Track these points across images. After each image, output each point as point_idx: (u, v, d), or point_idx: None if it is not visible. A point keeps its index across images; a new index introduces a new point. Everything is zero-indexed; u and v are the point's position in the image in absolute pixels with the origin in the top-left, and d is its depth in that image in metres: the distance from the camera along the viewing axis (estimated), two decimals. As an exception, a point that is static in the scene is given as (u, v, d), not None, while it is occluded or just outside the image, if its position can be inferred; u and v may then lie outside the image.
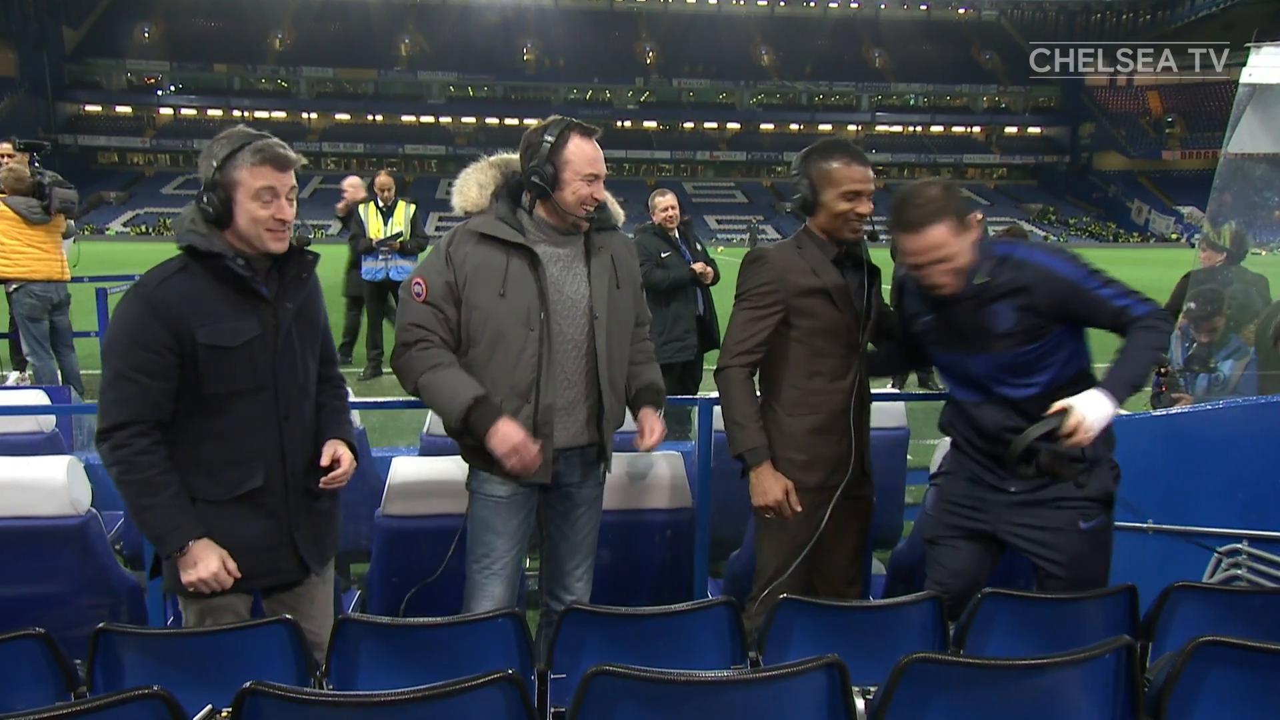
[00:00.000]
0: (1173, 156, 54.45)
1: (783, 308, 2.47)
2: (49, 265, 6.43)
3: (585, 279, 2.43)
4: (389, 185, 7.95)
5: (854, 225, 2.43)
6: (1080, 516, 2.29)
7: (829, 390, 2.49)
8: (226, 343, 1.99)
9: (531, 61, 60.37)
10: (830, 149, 2.44)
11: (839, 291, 2.46)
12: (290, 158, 2.04)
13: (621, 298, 2.49)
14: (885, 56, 61.91)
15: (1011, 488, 2.35)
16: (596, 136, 2.38)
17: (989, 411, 2.34)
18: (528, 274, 2.35)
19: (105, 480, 3.70)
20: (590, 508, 2.57)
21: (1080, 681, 1.58)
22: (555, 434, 2.40)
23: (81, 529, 2.62)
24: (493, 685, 1.42)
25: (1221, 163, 4.12)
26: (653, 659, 1.76)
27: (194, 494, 2.03)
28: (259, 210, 2.00)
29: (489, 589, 2.45)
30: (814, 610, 1.95)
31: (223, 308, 2.01)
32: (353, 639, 1.85)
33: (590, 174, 2.34)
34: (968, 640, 1.95)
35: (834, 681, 1.50)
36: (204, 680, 1.77)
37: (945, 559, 2.49)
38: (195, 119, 56.92)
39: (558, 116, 2.40)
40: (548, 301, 2.35)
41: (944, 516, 2.50)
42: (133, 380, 1.94)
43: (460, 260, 2.37)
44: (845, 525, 2.57)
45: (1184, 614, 1.99)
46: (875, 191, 2.47)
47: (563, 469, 2.47)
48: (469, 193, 2.46)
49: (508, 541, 2.47)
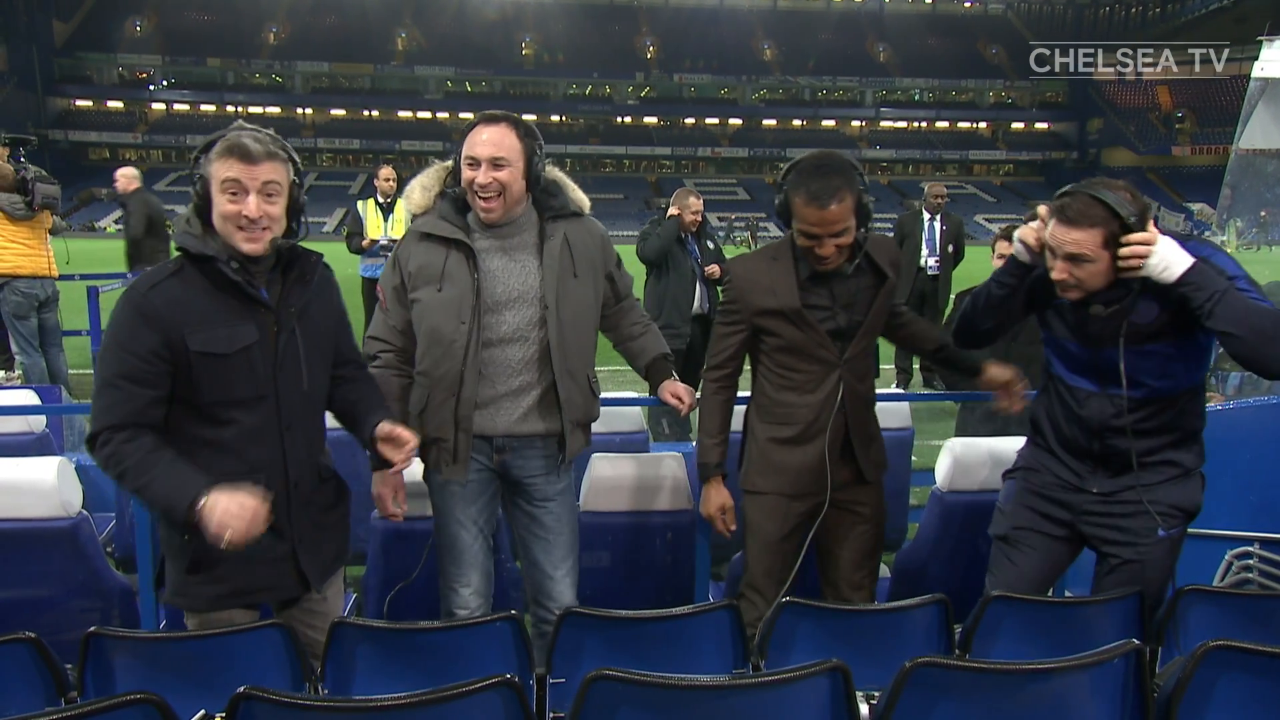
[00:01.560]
0: (1183, 152, 54.37)
1: (745, 325, 2.52)
2: (34, 261, 6.43)
3: (535, 269, 2.45)
4: (392, 178, 7.79)
5: (818, 258, 2.39)
6: (1162, 523, 2.26)
7: (799, 403, 2.49)
8: (220, 350, 1.94)
9: (530, 56, 60.37)
10: (804, 175, 2.35)
11: (795, 314, 2.44)
12: (253, 150, 1.94)
13: (579, 286, 2.50)
14: (890, 51, 61.88)
15: (1094, 488, 2.33)
16: (508, 122, 2.40)
17: (1096, 404, 2.28)
18: (464, 267, 2.42)
19: (97, 481, 3.72)
20: (559, 502, 2.56)
21: (1088, 686, 1.58)
22: (492, 421, 2.45)
23: (72, 531, 2.62)
24: (491, 690, 1.43)
25: (1232, 158, 4.12)
26: (653, 663, 1.76)
27: None
28: (226, 204, 1.94)
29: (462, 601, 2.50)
30: (817, 613, 1.95)
31: (217, 313, 1.95)
32: (348, 643, 1.85)
33: (469, 157, 2.39)
34: (974, 644, 1.95)
35: (837, 686, 1.50)
36: (197, 685, 1.77)
37: (1019, 560, 2.42)
38: (188, 114, 56.93)
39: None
40: (481, 293, 2.40)
41: (1023, 512, 2.44)
42: (119, 388, 1.91)
43: (405, 260, 2.48)
44: (844, 534, 2.58)
45: (1194, 618, 1.99)
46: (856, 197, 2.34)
47: (511, 459, 2.50)
48: (414, 196, 2.57)
49: (472, 532, 2.52)
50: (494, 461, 2.50)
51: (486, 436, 2.48)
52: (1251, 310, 2.01)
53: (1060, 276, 2.17)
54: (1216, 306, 2.01)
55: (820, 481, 2.49)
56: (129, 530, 3.26)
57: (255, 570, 2.06)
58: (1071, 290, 2.18)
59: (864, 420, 2.55)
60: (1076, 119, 59.87)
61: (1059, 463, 2.40)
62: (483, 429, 2.46)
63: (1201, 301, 2.03)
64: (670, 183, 58.16)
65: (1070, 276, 2.16)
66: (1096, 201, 2.10)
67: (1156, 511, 2.25)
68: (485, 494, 2.54)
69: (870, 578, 2.65)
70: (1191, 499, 2.28)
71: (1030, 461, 2.49)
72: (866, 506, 2.59)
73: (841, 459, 2.53)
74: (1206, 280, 2.04)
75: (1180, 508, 2.27)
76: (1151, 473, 2.27)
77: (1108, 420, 2.27)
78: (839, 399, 2.48)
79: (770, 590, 2.55)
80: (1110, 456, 2.30)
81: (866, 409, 2.57)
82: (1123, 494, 2.29)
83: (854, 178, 2.33)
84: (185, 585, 2.05)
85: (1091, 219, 2.10)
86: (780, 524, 2.55)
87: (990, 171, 60.88)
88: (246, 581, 2.07)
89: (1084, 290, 2.18)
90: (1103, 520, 2.33)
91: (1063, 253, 2.15)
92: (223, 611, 2.07)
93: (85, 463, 3.71)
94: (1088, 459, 2.34)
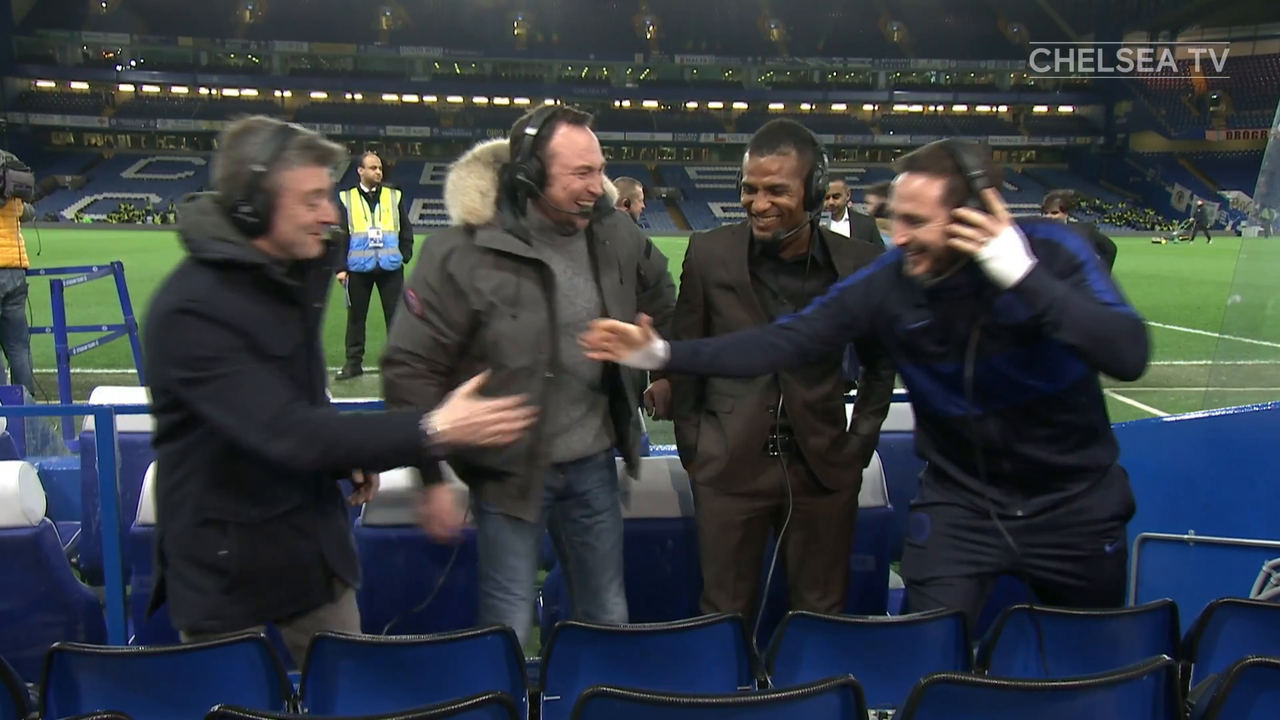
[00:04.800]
0: (1217, 137, 54.44)
1: (700, 302, 2.55)
2: (5, 252, 6.43)
3: (593, 282, 2.43)
4: (378, 165, 7.75)
5: (758, 222, 2.41)
6: (1106, 540, 2.25)
7: (740, 394, 2.52)
8: (279, 353, 1.96)
9: (523, 36, 60.40)
10: (756, 134, 2.44)
11: (743, 290, 2.47)
12: (336, 151, 1.99)
13: (625, 291, 2.51)
14: (904, 30, 61.93)
15: (1018, 511, 2.26)
16: (589, 123, 2.33)
17: (992, 425, 2.22)
18: (538, 293, 2.33)
19: (60, 488, 3.72)
20: (612, 513, 2.59)
21: (1116, 705, 1.58)
22: (568, 447, 2.44)
23: (35, 541, 2.62)
24: (481, 708, 1.42)
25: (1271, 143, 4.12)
26: (653, 679, 1.76)
27: (229, 518, 2.00)
28: (306, 215, 1.94)
29: (517, 617, 2.46)
30: (827, 627, 1.96)
31: (269, 317, 1.97)
32: (329, 658, 1.85)
33: (582, 166, 2.29)
34: (993, 660, 1.95)
35: (848, 704, 1.50)
36: (168, 703, 1.77)
37: (942, 598, 2.29)
38: (158, 97, 56.99)
39: (545, 104, 2.35)
40: (557, 321, 2.35)
41: (943, 554, 2.33)
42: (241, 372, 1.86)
43: (469, 275, 2.31)
44: (799, 547, 2.59)
45: (1229, 633, 1.99)
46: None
47: (574, 478, 2.50)
48: (470, 202, 2.36)
49: (528, 563, 2.49)
50: (560, 485, 2.48)
51: (559, 463, 2.45)
52: (1091, 317, 1.96)
53: (900, 240, 2.13)
54: (1061, 317, 1.95)
55: (770, 481, 2.52)
56: (95, 539, 3.26)
57: (289, 580, 2.10)
58: (917, 257, 2.12)
59: (812, 429, 2.52)
60: (1103, 102, 59.93)
61: (972, 492, 2.30)
62: (560, 456, 2.43)
63: (1041, 309, 1.98)
64: (671, 171, 58.28)
65: (911, 240, 2.10)
66: (946, 153, 2.08)
67: (1094, 531, 2.23)
68: (544, 525, 2.53)
69: (839, 586, 2.64)
70: (1124, 500, 2.28)
71: (939, 496, 2.38)
72: (822, 521, 2.57)
73: (794, 465, 2.53)
74: (1045, 286, 1.98)
75: (1117, 516, 2.27)
76: (1072, 481, 2.24)
77: (1012, 436, 2.21)
78: (779, 404, 2.49)
79: (723, 604, 2.56)
80: (1024, 474, 2.24)
81: (818, 418, 2.53)
82: (1049, 512, 2.25)
83: (807, 146, 2.39)
84: (218, 606, 2.04)
85: (935, 168, 2.07)
86: (720, 524, 2.56)
87: (1011, 158, 60.91)
88: (280, 594, 2.10)
89: (929, 259, 2.10)
90: (1045, 554, 2.26)
91: (899, 213, 2.12)
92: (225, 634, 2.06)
93: (48, 468, 3.71)
94: (1001, 482, 2.27)
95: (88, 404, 3.38)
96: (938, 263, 2.12)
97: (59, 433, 5.37)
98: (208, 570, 2.02)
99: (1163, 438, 2.44)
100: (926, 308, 2.21)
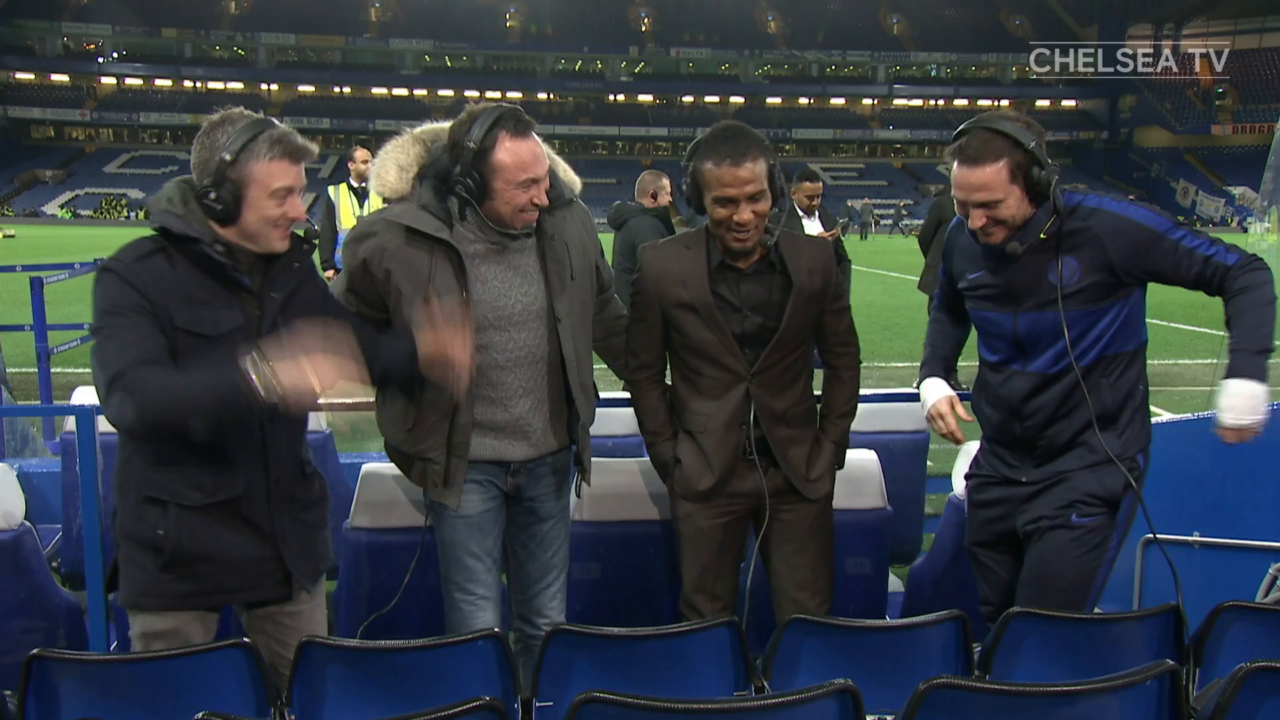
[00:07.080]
0: (1223, 131, 54.53)
1: (656, 317, 2.51)
2: None
3: (539, 277, 2.38)
4: (369, 159, 7.73)
5: (735, 234, 2.37)
6: (1075, 510, 2.32)
7: (709, 410, 2.50)
8: (205, 331, 1.98)
9: (515, 29, 60.33)
10: (712, 143, 2.37)
11: (706, 309, 2.42)
12: (310, 150, 2.02)
13: (579, 287, 2.45)
14: (904, 22, 62.02)
15: (1023, 478, 2.40)
16: (533, 130, 2.27)
17: (1017, 382, 2.36)
18: (451, 277, 2.28)
19: (40, 490, 3.71)
20: (559, 520, 2.57)
21: (1119, 710, 1.59)
22: (514, 448, 2.42)
23: (13, 545, 2.61)
24: (472, 714, 1.43)
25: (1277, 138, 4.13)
26: (648, 684, 1.77)
27: (168, 498, 2.02)
28: (273, 209, 1.98)
29: (481, 619, 2.45)
30: (825, 631, 1.96)
31: (202, 294, 1.99)
32: (317, 664, 1.85)
33: (526, 180, 2.24)
34: (994, 664, 1.96)
35: (846, 709, 1.50)
36: (151, 711, 1.77)
37: (985, 575, 2.55)
38: (141, 89, 56.81)
39: (487, 106, 2.28)
40: (473, 308, 2.28)
41: (974, 521, 2.56)
42: (124, 327, 1.89)
43: (379, 255, 2.29)
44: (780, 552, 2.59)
45: (1234, 636, 1.99)
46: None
47: (525, 482, 2.48)
48: (387, 176, 2.35)
49: (486, 563, 2.47)
50: (508, 486, 2.47)
51: (503, 463, 2.43)
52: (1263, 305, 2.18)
53: (979, 224, 2.26)
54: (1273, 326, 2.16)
55: (745, 486, 2.52)
56: (76, 543, 3.25)
57: (233, 569, 2.09)
58: (995, 229, 2.27)
59: (785, 439, 2.52)
60: (1107, 96, 60.05)
61: (994, 456, 2.49)
62: (502, 455, 2.42)
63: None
64: (667, 166, 58.18)
65: (988, 221, 2.25)
66: (995, 134, 2.20)
67: (1071, 499, 2.31)
68: (499, 524, 2.51)
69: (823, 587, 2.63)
70: (1108, 488, 2.32)
71: (976, 461, 2.59)
72: (801, 520, 2.58)
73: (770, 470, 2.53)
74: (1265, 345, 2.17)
75: (1097, 496, 2.31)
76: (1071, 457, 2.34)
77: (1024, 397, 2.35)
78: (751, 414, 2.48)
79: (704, 606, 2.56)
80: (1033, 440, 2.37)
81: (789, 426, 2.53)
82: (1048, 484, 2.36)
83: (767, 148, 2.38)
84: (155, 583, 2.05)
85: (994, 152, 2.20)
86: (698, 528, 2.56)
87: (1014, 153, 60.84)
88: (222, 580, 2.09)
89: (1008, 229, 2.27)
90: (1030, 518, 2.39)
91: (973, 203, 2.24)
92: (184, 612, 2.07)
93: (27, 469, 3.70)
94: (1014, 446, 2.42)
95: (68, 404, 3.38)
96: (1013, 230, 2.28)
97: (39, 434, 5.36)
98: (146, 548, 2.04)
99: (1167, 437, 2.45)
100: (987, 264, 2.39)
